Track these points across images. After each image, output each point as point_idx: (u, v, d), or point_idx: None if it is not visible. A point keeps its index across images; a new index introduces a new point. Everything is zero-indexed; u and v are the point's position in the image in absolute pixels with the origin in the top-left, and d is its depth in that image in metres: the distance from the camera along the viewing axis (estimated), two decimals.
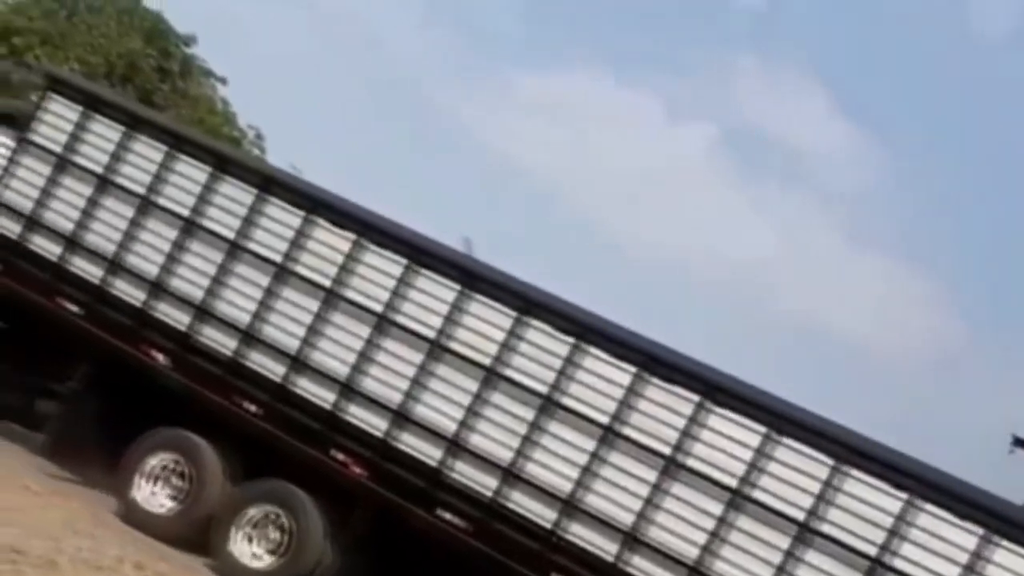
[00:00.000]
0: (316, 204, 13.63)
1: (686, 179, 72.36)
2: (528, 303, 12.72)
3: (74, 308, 14.37)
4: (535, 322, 12.64)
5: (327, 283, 13.38)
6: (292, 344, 13.38)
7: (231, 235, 13.83)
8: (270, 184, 13.84)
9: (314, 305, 13.39)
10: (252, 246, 13.76)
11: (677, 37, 74.32)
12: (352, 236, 13.40)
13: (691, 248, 71.34)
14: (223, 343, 13.66)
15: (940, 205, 68.73)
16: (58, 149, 14.82)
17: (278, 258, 13.61)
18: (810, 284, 68.62)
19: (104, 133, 14.67)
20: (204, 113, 38.07)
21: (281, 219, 13.71)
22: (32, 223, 14.77)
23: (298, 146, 59.17)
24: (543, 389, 12.48)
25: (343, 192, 14.08)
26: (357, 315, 13.24)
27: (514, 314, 12.71)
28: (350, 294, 13.32)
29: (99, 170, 14.57)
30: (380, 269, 13.25)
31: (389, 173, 61.07)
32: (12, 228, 14.86)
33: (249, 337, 13.56)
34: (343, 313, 13.31)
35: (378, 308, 13.16)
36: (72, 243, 14.51)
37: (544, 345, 12.58)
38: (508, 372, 12.65)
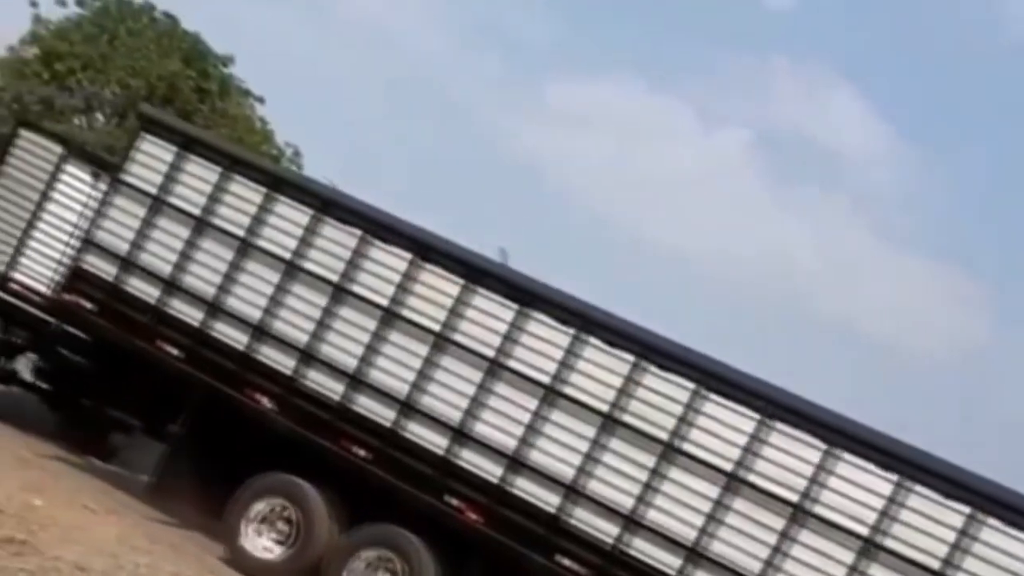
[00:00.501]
0: (424, 248, 13.18)
1: (720, 184, 71.61)
2: (645, 348, 12.29)
3: (174, 351, 13.95)
4: (653, 368, 12.20)
5: (436, 327, 12.93)
6: (402, 388, 12.96)
7: (335, 278, 13.39)
8: (374, 227, 13.37)
9: (423, 349, 12.96)
10: (357, 289, 13.32)
11: (707, 41, 73.58)
12: (460, 280, 12.95)
13: (726, 252, 70.70)
14: (330, 387, 13.23)
15: (974, 205, 67.98)
16: (153, 190, 14.38)
17: (384, 301, 13.16)
18: (844, 285, 67.98)
19: (200, 174, 14.25)
20: (243, 132, 37.62)
21: (387, 262, 13.28)
22: (128, 264, 14.31)
23: (334, 160, 58.88)
24: (664, 436, 12.05)
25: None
26: (468, 359, 12.80)
27: (631, 359, 12.27)
28: (460, 338, 12.88)
29: (196, 211, 14.15)
30: (491, 313, 12.81)
31: (424, 183, 60.64)
32: (107, 270, 14.40)
33: (357, 381, 13.11)
34: (453, 357, 12.88)
35: (490, 353, 12.72)
36: (170, 285, 14.07)
37: (664, 391, 12.15)
38: (625, 417, 12.21)
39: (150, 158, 14.51)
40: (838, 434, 11.57)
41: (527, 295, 12.74)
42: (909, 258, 69.61)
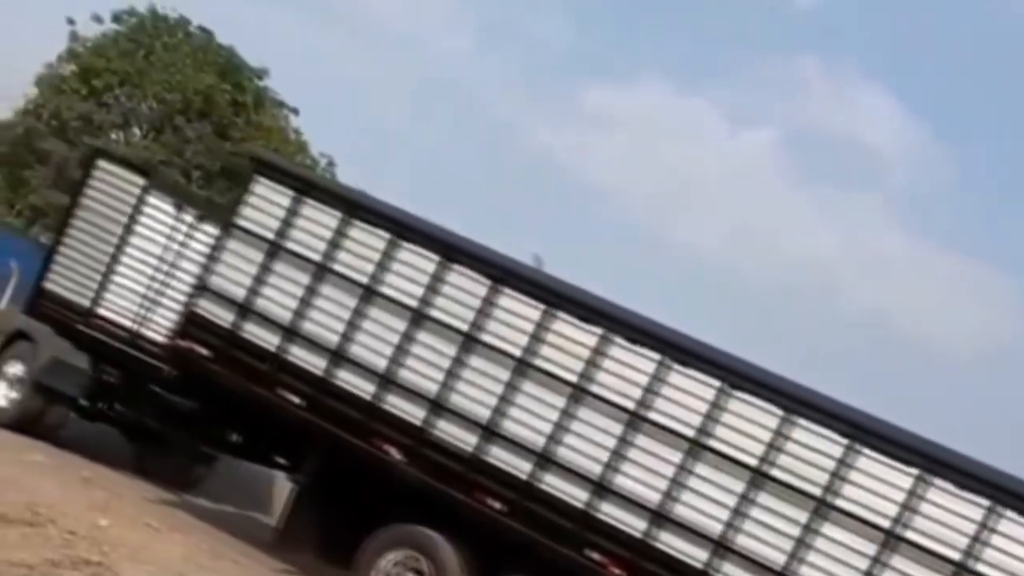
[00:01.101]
0: (558, 298, 12.65)
1: (750, 183, 70.80)
2: (796, 402, 11.81)
3: (296, 399, 13.40)
4: (802, 421, 11.71)
5: (573, 378, 12.41)
6: (537, 440, 12.42)
7: (464, 326, 12.84)
8: (505, 275, 12.84)
9: (560, 401, 12.42)
10: (487, 338, 12.77)
11: (735, 41, 72.69)
12: (596, 331, 12.43)
13: (758, 251, 69.75)
14: (462, 438, 12.69)
15: (1007, 202, 67.02)
16: (269, 235, 13.82)
17: (517, 351, 12.62)
18: (877, 282, 67.09)
19: (319, 219, 13.69)
20: (278, 143, 37.15)
21: (519, 311, 12.73)
22: (245, 311, 13.76)
23: (367, 169, 58.08)
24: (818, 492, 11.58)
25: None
26: (607, 411, 12.29)
27: (780, 413, 11.79)
28: (597, 389, 12.35)
29: (316, 257, 13.58)
30: (630, 364, 12.32)
31: (454, 188, 59.88)
32: (223, 315, 13.86)
33: (490, 432, 12.57)
34: (592, 408, 12.35)
35: (631, 405, 12.20)
36: (291, 332, 13.51)
37: (815, 446, 11.67)
38: (774, 472, 11.74)
39: (265, 202, 13.95)
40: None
41: (669, 346, 12.21)
42: (940, 255, 68.65)
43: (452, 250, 13.12)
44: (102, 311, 15.51)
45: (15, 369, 15.58)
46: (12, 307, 22.76)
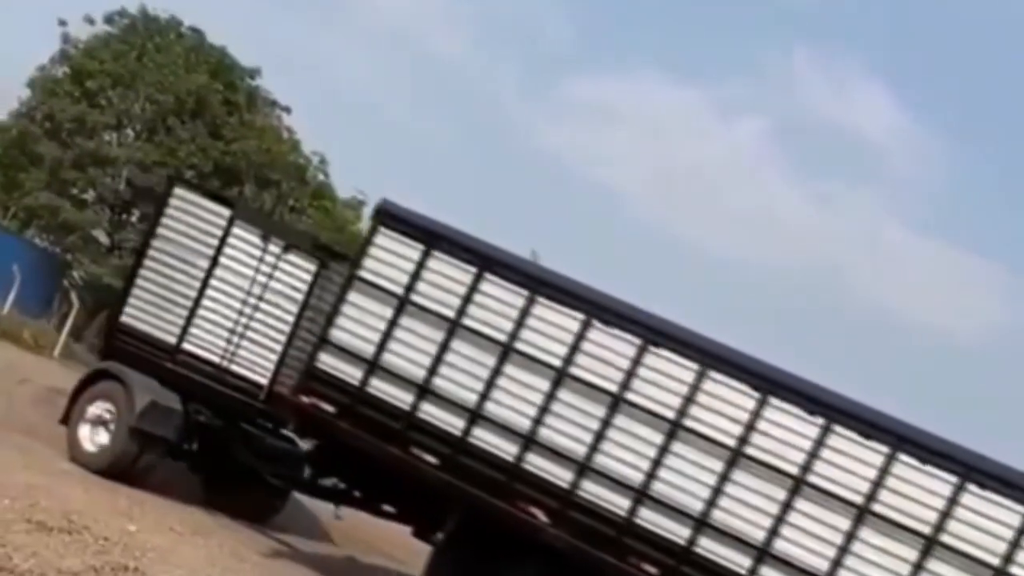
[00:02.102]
0: (710, 357, 11.95)
1: (744, 175, 69.73)
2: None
3: (431, 459, 12.57)
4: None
5: (730, 441, 11.74)
6: (695, 505, 11.75)
7: (611, 387, 12.11)
8: (654, 335, 12.10)
9: (717, 464, 11.76)
10: (635, 398, 12.04)
11: (730, 34, 71.39)
12: (755, 394, 11.78)
13: (755, 244, 68.80)
14: (614, 502, 11.97)
15: (1004, 193, 66.51)
16: (397, 289, 12.94)
17: (670, 414, 11.91)
18: (876, 274, 66.40)
19: (449, 272, 12.83)
20: (271, 143, 35.92)
21: (669, 372, 12.01)
22: (373, 367, 12.88)
23: (359, 166, 56.53)
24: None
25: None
26: (767, 475, 11.65)
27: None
28: (754, 451, 11.69)
29: (449, 313, 12.73)
30: (787, 426, 11.65)
31: (448, 181, 58.49)
32: (349, 371, 12.97)
33: (643, 496, 11.87)
34: (750, 472, 11.70)
35: (793, 470, 11.59)
36: (423, 390, 12.67)
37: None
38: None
39: (390, 254, 13.05)
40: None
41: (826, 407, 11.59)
42: (934, 245, 67.99)
43: (595, 308, 12.34)
44: (189, 347, 14.52)
45: (99, 410, 14.35)
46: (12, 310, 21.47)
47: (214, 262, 14.41)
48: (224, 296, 14.52)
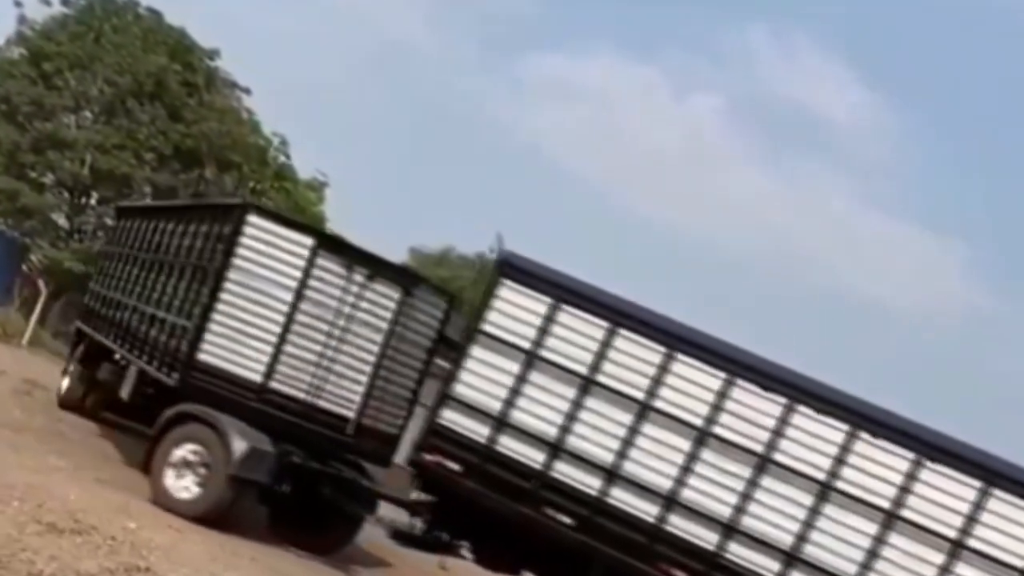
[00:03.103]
0: (866, 420, 11.36)
1: (701, 153, 68.35)
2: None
3: (566, 519, 11.81)
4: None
5: (886, 504, 11.19)
6: (850, 571, 11.17)
7: (757, 447, 11.46)
8: (803, 395, 11.46)
9: (871, 527, 11.19)
10: (784, 459, 11.41)
11: (688, 10, 69.34)
12: (910, 455, 11.22)
13: (712, 221, 67.54)
14: (763, 564, 11.36)
15: (959, 170, 65.78)
16: (524, 344, 12.08)
17: (821, 475, 11.31)
18: (832, 252, 65.63)
19: (580, 328, 12.02)
20: (231, 124, 34.33)
21: (820, 432, 11.39)
22: (500, 424, 12.04)
23: (318, 146, 54.43)
24: None
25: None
26: (923, 538, 11.12)
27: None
28: (912, 515, 11.18)
29: (581, 370, 11.93)
30: (950, 492, 11.13)
31: (409, 164, 56.67)
32: (474, 429, 12.12)
33: (792, 558, 11.28)
34: (904, 535, 11.17)
35: (952, 534, 11.06)
36: (556, 448, 11.87)
37: None
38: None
39: (515, 308, 12.18)
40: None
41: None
42: (893, 224, 67.40)
43: (737, 366, 11.63)
44: (276, 385, 13.18)
45: (185, 454, 13.05)
46: None
47: (298, 295, 13.13)
48: (309, 330, 13.22)
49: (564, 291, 12.11)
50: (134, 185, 33.44)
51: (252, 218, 13.16)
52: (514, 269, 12.27)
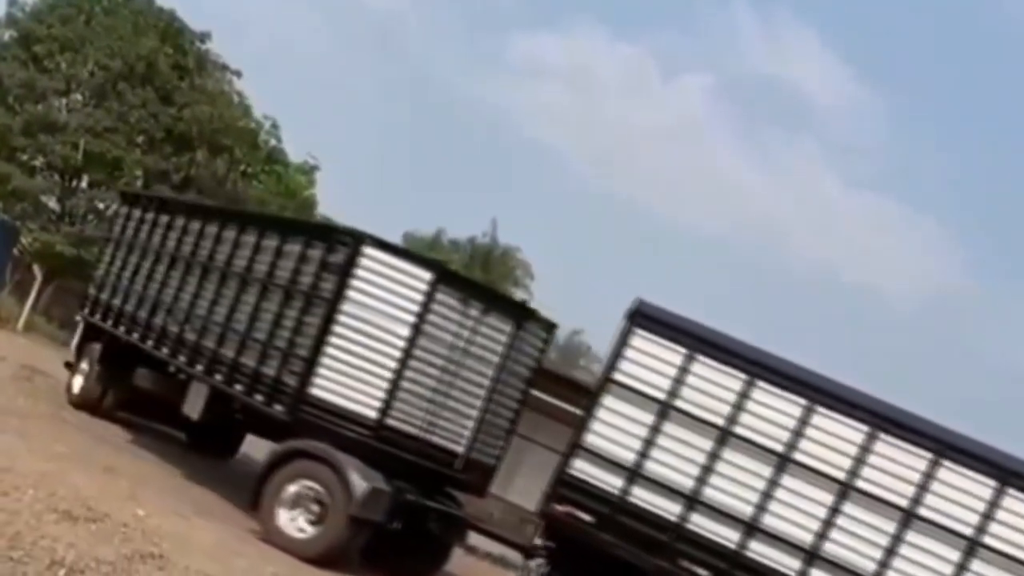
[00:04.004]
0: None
1: (686, 133, 66.76)
2: None
3: (703, 572, 11.21)
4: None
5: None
6: None
7: (903, 502, 10.93)
8: (946, 449, 10.92)
9: None
10: (928, 514, 10.88)
11: None
12: None
13: (693, 202, 66.14)
14: None
15: (944, 152, 64.75)
16: (658, 394, 11.40)
17: (968, 530, 10.80)
18: (814, 232, 64.46)
19: (716, 379, 11.37)
20: (222, 107, 33.02)
21: (965, 487, 10.87)
22: (633, 474, 11.38)
23: (308, 129, 52.49)
24: None
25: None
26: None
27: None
28: None
29: (718, 421, 11.30)
30: None
31: (395, 148, 54.91)
32: (607, 479, 11.44)
33: None
34: None
35: None
36: (693, 501, 11.25)
37: None
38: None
39: (647, 357, 11.48)
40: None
41: None
42: (878, 203, 66.29)
43: (880, 419, 11.06)
44: (392, 421, 12.39)
45: (299, 492, 12.17)
46: None
47: (415, 329, 12.29)
48: (424, 365, 12.50)
49: (699, 341, 11.43)
50: (125, 168, 32.05)
51: (368, 249, 12.31)
52: (647, 318, 11.56)
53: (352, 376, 12.27)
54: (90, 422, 16.32)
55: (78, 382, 17.56)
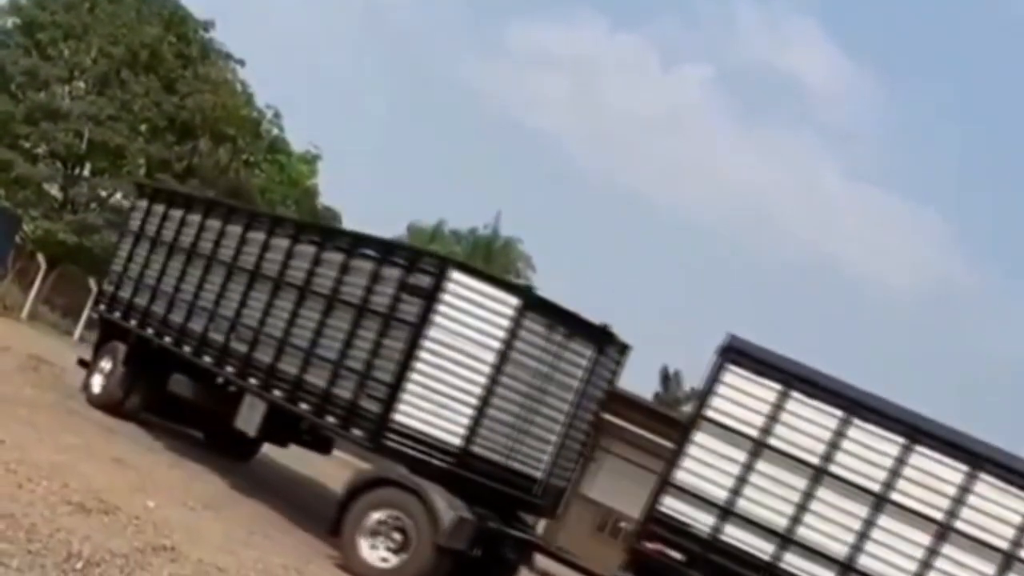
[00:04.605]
0: None
1: (686, 122, 65.42)
2: None
3: None
4: None
5: None
6: None
7: (1003, 544, 10.46)
8: None
9: None
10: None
11: None
12: None
13: (693, 191, 64.87)
14: None
15: (942, 143, 63.67)
16: (751, 432, 10.87)
17: None
18: (812, 220, 63.39)
19: (812, 416, 10.83)
20: (226, 96, 32.09)
21: None
22: (725, 512, 10.85)
23: (310, 118, 50.95)
24: None
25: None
26: None
27: None
28: None
29: (813, 460, 10.77)
30: None
31: (396, 138, 53.64)
32: (697, 517, 10.91)
33: None
34: None
35: None
36: (786, 540, 10.73)
37: None
38: None
39: (740, 394, 10.93)
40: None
41: None
42: (876, 193, 65.15)
43: (982, 460, 10.57)
44: (475, 448, 11.82)
45: (382, 519, 11.59)
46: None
47: (501, 356, 11.68)
48: (509, 391, 11.91)
49: (793, 378, 10.89)
50: (128, 157, 31.07)
51: (455, 274, 11.69)
52: (740, 354, 11.00)
53: (437, 403, 11.70)
54: (96, 412, 15.86)
55: (98, 381, 16.56)
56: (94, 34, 30.44)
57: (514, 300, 11.76)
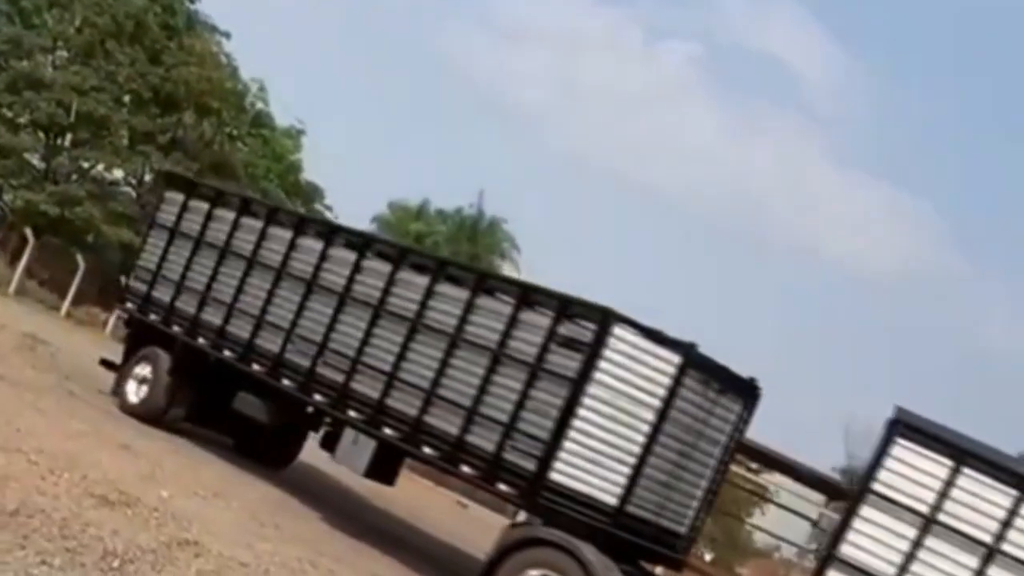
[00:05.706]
0: None
1: (669, 101, 62.92)
2: None
3: None
4: None
5: None
6: None
7: None
8: None
9: None
10: None
11: None
12: None
13: (676, 173, 62.55)
14: None
15: (927, 129, 61.82)
16: (921, 507, 10.02)
17: None
18: (798, 207, 61.43)
19: (983, 493, 9.95)
20: (211, 69, 30.04)
21: None
22: None
23: (292, 92, 47.80)
24: None
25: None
26: None
27: None
28: None
29: (986, 538, 9.93)
30: None
31: (376, 112, 51.10)
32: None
33: None
34: None
35: None
36: None
37: None
38: None
39: (909, 468, 10.03)
40: None
41: None
42: (862, 180, 63.24)
43: None
44: (631, 508, 10.78)
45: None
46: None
47: (661, 414, 10.62)
48: (665, 449, 10.88)
49: (965, 453, 10.01)
50: (111, 128, 28.90)
51: (618, 330, 10.44)
52: (909, 428, 10.08)
53: (593, 461, 10.56)
54: (94, 395, 14.91)
55: (133, 389, 14.71)
56: (78, 3, 28.15)
57: (676, 358, 10.61)
